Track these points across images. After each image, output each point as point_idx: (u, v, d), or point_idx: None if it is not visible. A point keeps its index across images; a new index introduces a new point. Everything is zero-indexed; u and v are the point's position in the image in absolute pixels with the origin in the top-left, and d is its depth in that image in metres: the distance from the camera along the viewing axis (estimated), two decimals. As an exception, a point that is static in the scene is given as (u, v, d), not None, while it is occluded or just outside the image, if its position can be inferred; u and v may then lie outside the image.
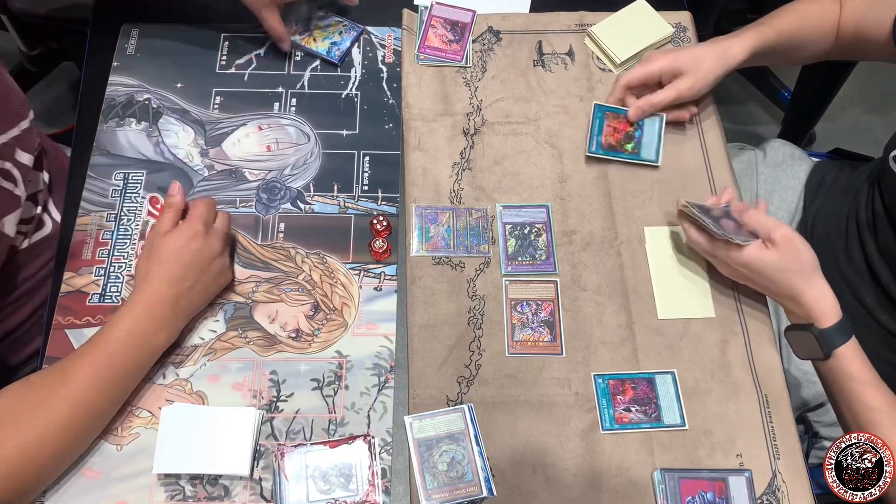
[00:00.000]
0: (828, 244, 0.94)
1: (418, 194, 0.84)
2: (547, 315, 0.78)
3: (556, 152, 0.88)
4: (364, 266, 0.81)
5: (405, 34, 0.95)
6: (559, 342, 0.77)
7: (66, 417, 0.64)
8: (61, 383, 0.64)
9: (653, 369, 0.76)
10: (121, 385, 0.69)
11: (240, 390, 0.74)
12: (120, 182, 0.84)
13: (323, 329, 0.77)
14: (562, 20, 0.97)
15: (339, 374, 0.75)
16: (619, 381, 0.75)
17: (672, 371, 0.76)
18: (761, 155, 1.07)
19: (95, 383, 0.66)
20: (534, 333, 0.77)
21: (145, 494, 0.69)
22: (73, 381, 0.65)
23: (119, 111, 0.89)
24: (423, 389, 0.74)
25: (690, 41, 0.96)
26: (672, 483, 0.70)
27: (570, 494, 0.70)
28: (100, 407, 0.67)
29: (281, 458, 0.69)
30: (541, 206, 0.84)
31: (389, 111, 0.90)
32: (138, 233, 0.81)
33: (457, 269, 0.80)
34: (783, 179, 1.03)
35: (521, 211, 0.83)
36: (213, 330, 0.77)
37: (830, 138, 1.71)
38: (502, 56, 0.94)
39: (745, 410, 0.74)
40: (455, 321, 0.78)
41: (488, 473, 0.70)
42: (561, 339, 0.77)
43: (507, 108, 0.91)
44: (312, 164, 0.86)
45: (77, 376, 0.65)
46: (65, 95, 1.80)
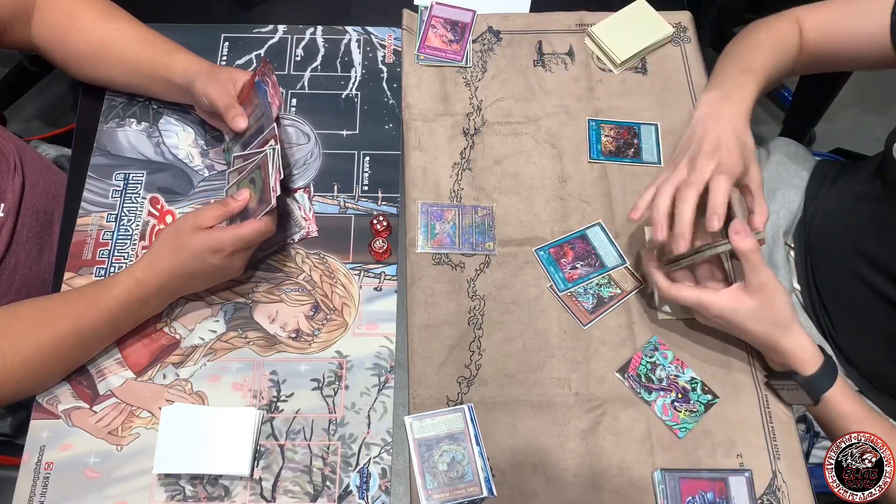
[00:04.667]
0: (826, 241, 0.94)
1: (418, 194, 0.84)
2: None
3: (556, 152, 0.88)
4: (364, 266, 0.81)
5: (405, 34, 0.95)
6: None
7: (28, 355, 0.67)
8: (42, 323, 0.68)
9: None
10: (95, 343, 0.72)
11: (240, 390, 0.74)
12: (120, 182, 0.84)
13: (323, 329, 0.77)
14: (562, 20, 0.97)
15: (339, 374, 0.75)
16: (557, 247, 0.81)
17: (598, 221, 0.82)
18: (765, 153, 1.07)
19: (71, 336, 0.69)
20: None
21: (145, 494, 0.69)
22: (51, 325, 0.68)
23: (119, 111, 0.89)
24: (424, 389, 0.74)
25: (690, 41, 0.96)
26: (672, 483, 0.69)
27: (570, 494, 0.70)
28: (68, 356, 0.71)
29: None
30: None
31: (389, 111, 0.90)
32: (138, 233, 0.81)
33: (457, 269, 0.80)
34: (787, 178, 1.03)
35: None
36: (213, 330, 0.77)
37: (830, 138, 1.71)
38: (502, 56, 0.94)
39: (745, 410, 0.74)
40: (455, 321, 0.78)
41: (488, 473, 0.70)
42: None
43: (507, 108, 0.91)
44: (312, 165, 0.86)
45: (57, 322, 0.68)
46: (65, 95, 1.80)
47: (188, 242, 0.69)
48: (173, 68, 0.80)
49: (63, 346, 0.69)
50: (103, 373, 0.74)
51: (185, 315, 0.77)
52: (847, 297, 0.90)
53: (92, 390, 0.73)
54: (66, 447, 0.71)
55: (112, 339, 0.74)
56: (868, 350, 0.89)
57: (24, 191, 0.84)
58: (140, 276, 0.70)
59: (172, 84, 0.81)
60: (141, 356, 0.75)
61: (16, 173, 0.83)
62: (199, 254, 0.69)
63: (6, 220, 0.80)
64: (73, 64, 0.84)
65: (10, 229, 0.81)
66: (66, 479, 0.69)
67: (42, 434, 0.71)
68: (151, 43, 0.83)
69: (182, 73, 0.80)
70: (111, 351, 0.75)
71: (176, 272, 0.70)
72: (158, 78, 0.82)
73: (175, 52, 0.82)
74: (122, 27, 0.83)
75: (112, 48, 0.82)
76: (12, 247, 0.81)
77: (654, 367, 0.76)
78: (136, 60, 0.82)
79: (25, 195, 0.84)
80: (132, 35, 0.83)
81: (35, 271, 0.85)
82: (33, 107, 1.78)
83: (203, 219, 0.70)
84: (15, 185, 0.83)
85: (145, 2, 0.95)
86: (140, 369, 0.74)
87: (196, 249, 0.69)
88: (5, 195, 0.81)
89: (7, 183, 0.82)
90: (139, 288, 0.70)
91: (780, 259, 0.97)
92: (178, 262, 0.70)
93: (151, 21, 0.88)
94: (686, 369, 0.76)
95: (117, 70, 0.83)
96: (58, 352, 0.69)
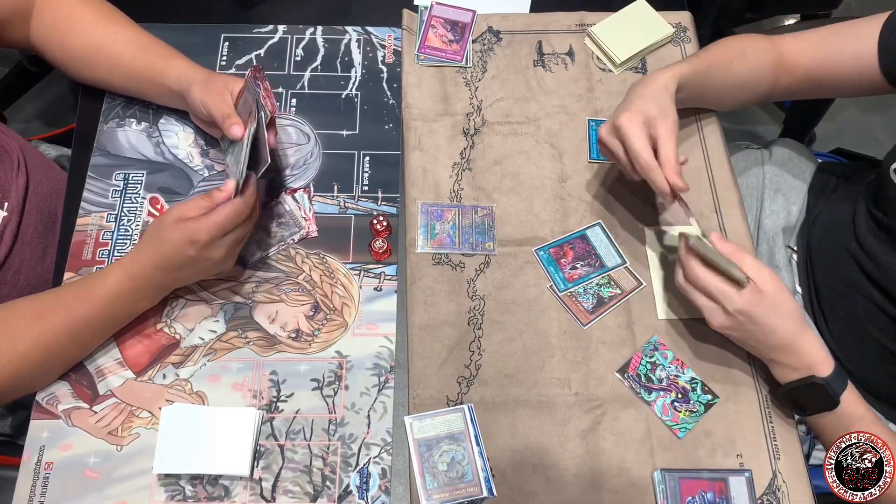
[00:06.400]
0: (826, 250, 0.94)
1: (418, 194, 0.84)
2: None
3: (556, 152, 0.88)
4: (364, 266, 0.81)
5: (405, 34, 0.95)
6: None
7: (23, 351, 0.67)
8: (36, 318, 0.68)
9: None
10: (90, 337, 0.72)
11: (240, 390, 0.74)
12: (120, 182, 0.84)
13: (323, 329, 0.77)
14: (562, 20, 0.97)
15: (339, 375, 0.75)
16: (557, 247, 0.81)
17: (598, 221, 0.83)
18: (767, 154, 1.07)
19: (65, 331, 0.69)
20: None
21: (145, 494, 0.69)
22: (45, 320, 0.68)
23: (119, 111, 0.89)
24: (423, 389, 0.74)
25: (690, 41, 0.96)
26: (672, 483, 0.70)
27: (570, 494, 0.70)
28: (63, 351, 0.71)
29: None
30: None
31: (389, 111, 0.90)
32: (138, 233, 0.81)
33: (457, 269, 0.80)
34: (788, 178, 1.03)
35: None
36: (213, 330, 0.77)
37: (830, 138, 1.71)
38: (502, 56, 0.94)
39: (745, 410, 0.74)
40: (455, 321, 0.78)
41: (488, 473, 0.70)
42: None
43: (507, 108, 0.91)
44: (312, 165, 0.86)
45: (50, 317, 0.68)
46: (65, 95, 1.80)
47: (168, 235, 0.69)
48: (168, 74, 0.80)
49: (57, 340, 0.69)
50: (103, 373, 0.74)
51: (185, 315, 0.77)
52: (845, 306, 0.90)
53: (92, 390, 0.73)
54: (66, 447, 0.71)
55: (107, 334, 0.73)
56: (865, 359, 0.89)
57: (28, 190, 0.84)
58: (129, 268, 0.70)
59: (167, 89, 0.81)
60: (141, 356, 0.75)
61: (20, 172, 0.83)
62: (177, 245, 0.69)
63: (10, 220, 0.80)
64: (71, 65, 0.84)
65: (15, 229, 0.81)
66: (66, 479, 0.69)
67: (42, 434, 0.71)
68: (147, 47, 0.82)
69: (177, 79, 0.80)
70: (111, 351, 0.75)
71: (158, 265, 0.70)
72: (153, 83, 0.82)
73: (171, 57, 0.82)
74: (118, 31, 0.82)
75: (108, 52, 0.82)
76: (16, 246, 0.82)
77: (654, 367, 0.76)
78: (131, 65, 0.82)
79: (30, 194, 0.84)
80: (128, 39, 0.82)
81: (39, 271, 0.85)
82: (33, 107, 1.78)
83: (186, 210, 0.69)
84: (19, 185, 0.83)
85: (146, 2, 0.95)
86: (140, 369, 0.74)
87: (174, 241, 0.69)
88: (9, 194, 0.81)
89: (11, 182, 0.82)
90: (129, 280, 0.70)
91: (781, 260, 0.97)
92: (159, 254, 0.70)
93: (151, 21, 0.89)
94: (686, 369, 0.76)
95: (113, 73, 0.83)
96: (52, 346, 0.69)
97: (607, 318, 0.78)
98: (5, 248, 0.80)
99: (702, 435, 0.73)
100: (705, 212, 0.85)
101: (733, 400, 0.75)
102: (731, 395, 0.75)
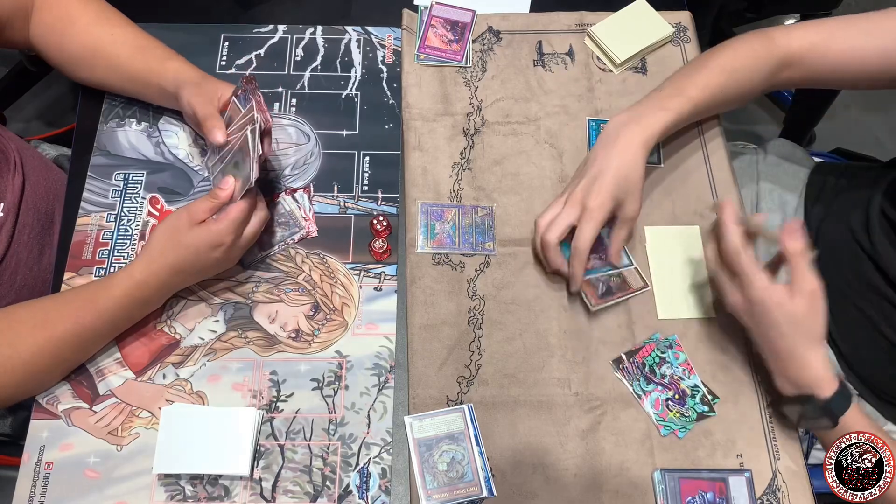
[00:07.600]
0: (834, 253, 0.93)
1: (418, 194, 0.84)
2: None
3: (556, 152, 0.88)
4: (364, 266, 0.81)
5: (405, 34, 0.95)
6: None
7: (27, 358, 0.67)
8: (41, 325, 0.68)
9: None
10: (95, 344, 0.72)
11: (240, 390, 0.74)
12: (120, 182, 0.84)
13: (323, 329, 0.77)
14: (562, 20, 0.97)
15: (339, 374, 0.75)
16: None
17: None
18: (762, 154, 1.07)
19: (71, 337, 0.69)
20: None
21: (145, 494, 0.69)
22: (51, 328, 0.68)
23: (119, 111, 0.89)
24: (423, 389, 0.74)
25: (690, 41, 0.96)
26: (672, 483, 0.70)
27: (570, 494, 0.70)
28: (68, 357, 0.71)
29: None
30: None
31: (389, 111, 0.90)
32: (138, 233, 0.81)
33: (457, 269, 0.80)
34: (784, 179, 1.03)
35: None
36: (213, 330, 0.77)
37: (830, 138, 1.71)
38: (502, 56, 0.94)
39: (745, 410, 0.74)
40: (455, 321, 0.78)
41: (488, 473, 0.70)
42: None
43: (507, 108, 0.91)
44: (312, 165, 0.86)
45: (56, 325, 0.68)
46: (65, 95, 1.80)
47: (188, 239, 0.69)
48: (164, 76, 0.80)
49: (62, 348, 0.69)
50: (103, 373, 0.74)
51: (185, 315, 0.77)
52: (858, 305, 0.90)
53: (92, 390, 0.73)
54: (66, 447, 0.71)
55: (111, 338, 0.74)
56: (870, 358, 0.89)
57: (24, 190, 0.84)
58: (139, 276, 0.70)
59: (163, 91, 0.81)
60: (141, 356, 0.75)
61: (16, 173, 0.83)
62: (201, 249, 0.70)
63: (6, 220, 0.80)
64: (70, 66, 0.84)
65: (11, 229, 0.81)
66: (66, 479, 0.69)
67: (42, 434, 0.71)
68: (145, 49, 0.82)
69: (172, 80, 0.79)
70: (111, 351, 0.75)
71: (177, 269, 0.71)
72: (151, 84, 0.82)
73: (168, 59, 0.82)
74: (116, 32, 0.82)
75: (106, 53, 0.82)
76: (13, 247, 0.82)
77: (661, 363, 0.76)
78: (128, 66, 0.82)
79: (26, 195, 0.84)
80: (127, 40, 0.82)
81: (36, 271, 0.85)
82: (33, 107, 1.78)
83: (196, 213, 0.70)
84: (15, 185, 0.83)
85: (146, 2, 0.95)
86: (140, 369, 0.74)
87: (196, 245, 0.70)
88: (5, 195, 0.81)
89: (7, 182, 0.82)
90: (138, 289, 0.70)
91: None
92: (179, 259, 0.70)
93: (151, 21, 0.89)
94: (693, 375, 0.75)
95: (111, 75, 0.83)
96: (57, 354, 0.69)
97: (607, 319, 0.78)
98: (2, 249, 0.80)
99: (702, 435, 0.73)
100: (705, 212, 0.85)
101: (733, 400, 0.75)
102: (731, 395, 0.75)
